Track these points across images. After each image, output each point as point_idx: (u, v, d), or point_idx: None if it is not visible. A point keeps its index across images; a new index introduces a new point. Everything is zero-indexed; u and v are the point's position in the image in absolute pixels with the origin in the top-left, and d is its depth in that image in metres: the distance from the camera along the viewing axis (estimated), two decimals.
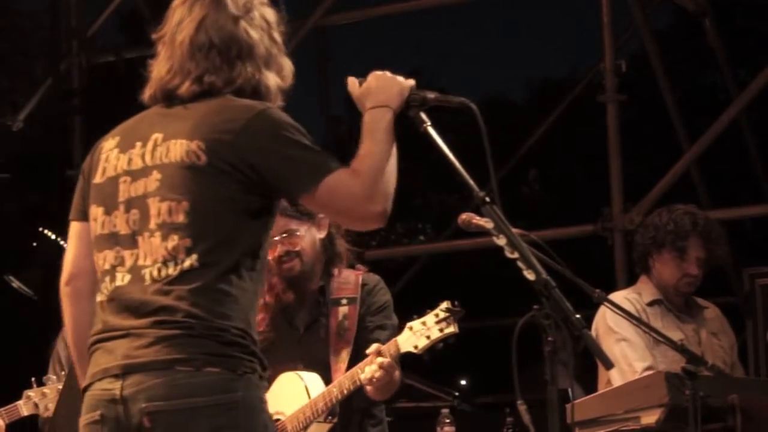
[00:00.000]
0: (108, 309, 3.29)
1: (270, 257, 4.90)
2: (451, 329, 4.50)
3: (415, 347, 4.52)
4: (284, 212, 4.89)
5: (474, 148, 3.41)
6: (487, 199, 3.26)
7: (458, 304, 4.52)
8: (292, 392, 4.80)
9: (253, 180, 3.23)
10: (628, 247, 7.33)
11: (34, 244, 10.81)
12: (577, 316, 3.15)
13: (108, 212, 3.33)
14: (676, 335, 5.19)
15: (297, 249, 4.86)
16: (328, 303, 4.87)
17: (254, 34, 3.37)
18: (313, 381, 4.77)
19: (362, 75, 3.48)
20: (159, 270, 3.22)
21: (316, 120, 10.45)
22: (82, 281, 3.43)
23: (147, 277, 3.23)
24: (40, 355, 5.85)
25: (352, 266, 4.99)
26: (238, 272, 3.23)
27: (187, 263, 3.21)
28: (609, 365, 3.36)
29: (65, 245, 3.51)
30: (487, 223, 3.26)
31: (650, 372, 4.97)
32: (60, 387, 5.14)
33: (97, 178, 3.38)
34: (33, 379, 5.20)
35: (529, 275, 3.17)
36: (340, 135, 14.50)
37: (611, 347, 5.30)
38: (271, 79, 3.39)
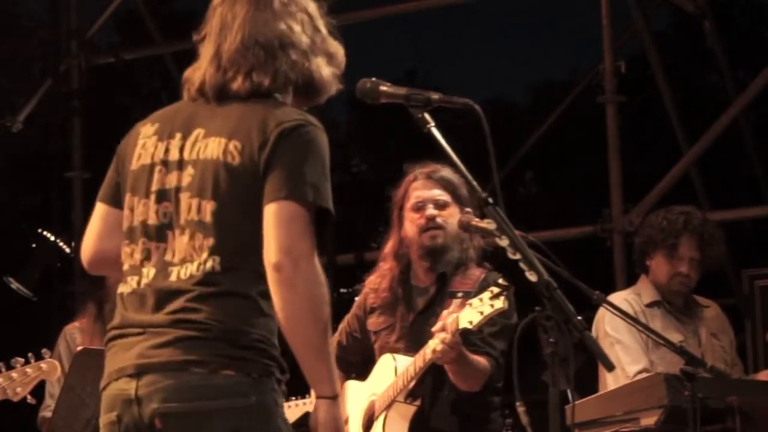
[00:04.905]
0: (128, 303, 3.29)
1: (414, 224, 4.92)
2: (500, 304, 4.51)
3: (470, 322, 4.55)
4: (439, 180, 4.90)
5: (474, 149, 3.41)
6: (490, 200, 3.25)
7: (506, 281, 4.53)
8: (385, 373, 4.89)
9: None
10: (627, 248, 7.31)
11: (33, 245, 10.82)
12: (579, 317, 3.15)
13: (139, 200, 3.33)
14: (675, 337, 5.19)
15: (443, 222, 4.89)
16: (446, 294, 4.89)
17: (296, 27, 3.37)
18: (403, 363, 4.82)
19: (361, 77, 3.50)
20: (185, 269, 3.22)
21: None
22: (104, 267, 3.45)
23: (173, 275, 3.23)
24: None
25: (480, 264, 5.01)
26: (259, 278, 3.20)
27: (209, 264, 3.21)
28: (610, 367, 3.36)
29: (64, 246, 3.50)
30: (489, 225, 3.26)
31: (643, 375, 4.97)
32: (29, 369, 5.07)
33: (133, 164, 3.37)
34: (1, 363, 5.10)
35: (531, 276, 3.17)
36: (338, 138, 14.46)
37: (606, 351, 5.29)
38: (323, 67, 3.39)
